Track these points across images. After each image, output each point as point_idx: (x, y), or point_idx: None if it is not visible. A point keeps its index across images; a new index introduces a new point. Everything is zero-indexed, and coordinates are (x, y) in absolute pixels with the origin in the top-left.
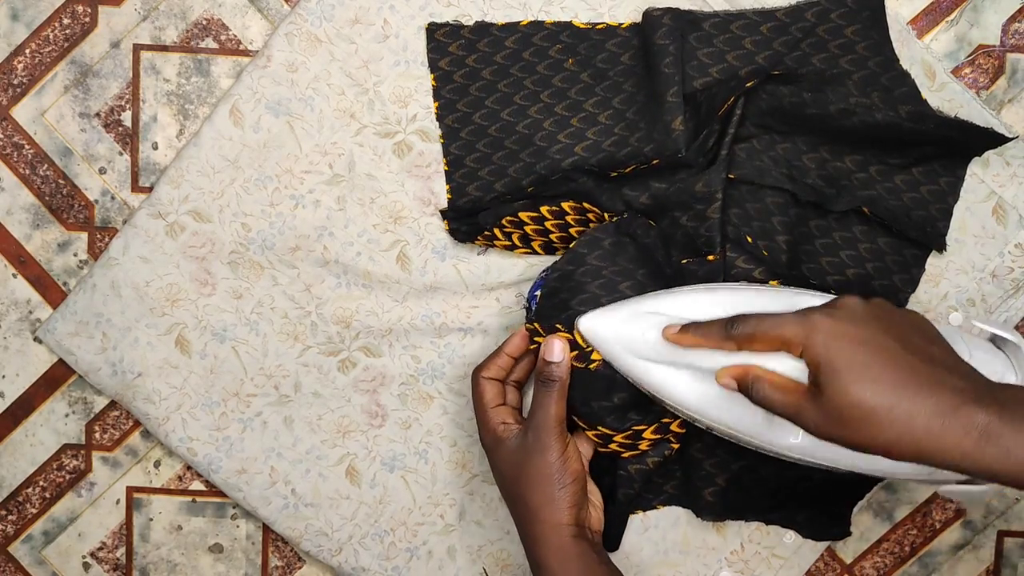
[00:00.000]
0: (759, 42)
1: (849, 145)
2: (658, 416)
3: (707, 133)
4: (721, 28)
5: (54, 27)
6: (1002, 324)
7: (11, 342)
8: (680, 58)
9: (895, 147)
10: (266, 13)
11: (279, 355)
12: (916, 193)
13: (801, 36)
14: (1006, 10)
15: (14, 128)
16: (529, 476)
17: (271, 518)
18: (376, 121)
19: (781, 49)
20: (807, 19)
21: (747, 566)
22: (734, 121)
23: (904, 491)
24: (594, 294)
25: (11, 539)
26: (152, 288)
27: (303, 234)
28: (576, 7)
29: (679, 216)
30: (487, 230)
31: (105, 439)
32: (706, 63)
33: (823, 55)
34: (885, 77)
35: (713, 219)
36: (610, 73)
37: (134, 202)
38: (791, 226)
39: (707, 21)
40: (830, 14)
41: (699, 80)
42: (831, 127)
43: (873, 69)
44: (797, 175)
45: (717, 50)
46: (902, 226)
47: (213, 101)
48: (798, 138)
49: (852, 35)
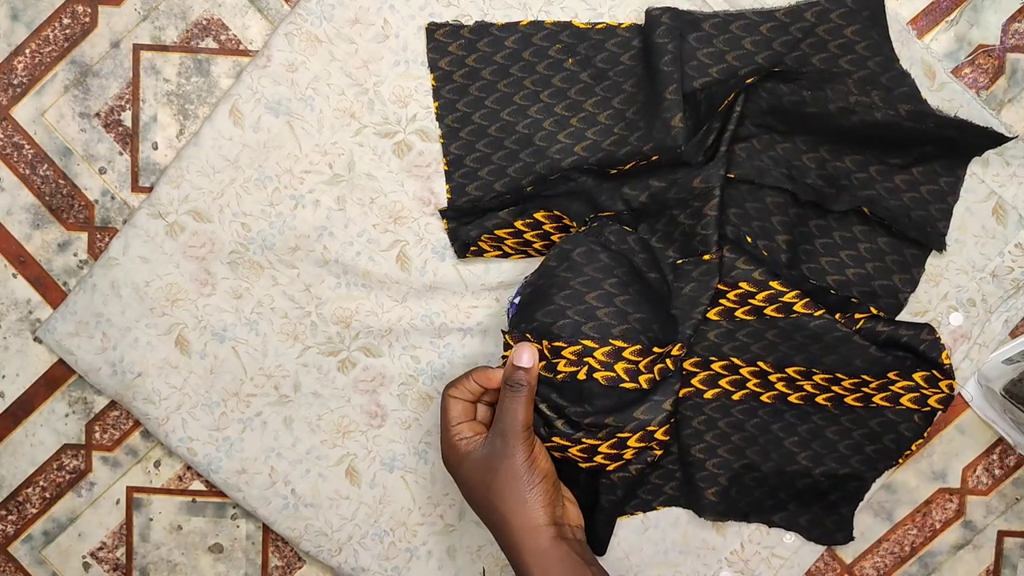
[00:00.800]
0: (759, 42)
1: (849, 145)
2: (642, 424)
3: (706, 130)
4: (721, 28)
5: (54, 27)
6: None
7: (11, 342)
8: (679, 57)
9: (895, 147)
10: (266, 13)
11: (279, 355)
12: (916, 193)
13: (801, 36)
14: (1006, 10)
15: (14, 128)
16: (498, 483)
17: (271, 518)
18: (376, 121)
19: (781, 49)
20: (807, 19)
21: (747, 566)
22: (734, 118)
23: (904, 491)
24: (560, 306)
25: (11, 539)
26: (152, 288)
27: (303, 234)
28: (576, 7)
29: (677, 214)
30: (472, 245)
31: (105, 439)
32: (706, 63)
33: (823, 55)
34: (885, 77)
35: (710, 216)
36: (610, 73)
37: (134, 202)
38: (791, 226)
39: (707, 21)
40: (830, 14)
41: (699, 80)
42: (831, 126)
43: (873, 69)
44: (797, 175)
45: (717, 50)
46: (902, 226)
47: (213, 101)
48: (798, 138)
49: (852, 35)
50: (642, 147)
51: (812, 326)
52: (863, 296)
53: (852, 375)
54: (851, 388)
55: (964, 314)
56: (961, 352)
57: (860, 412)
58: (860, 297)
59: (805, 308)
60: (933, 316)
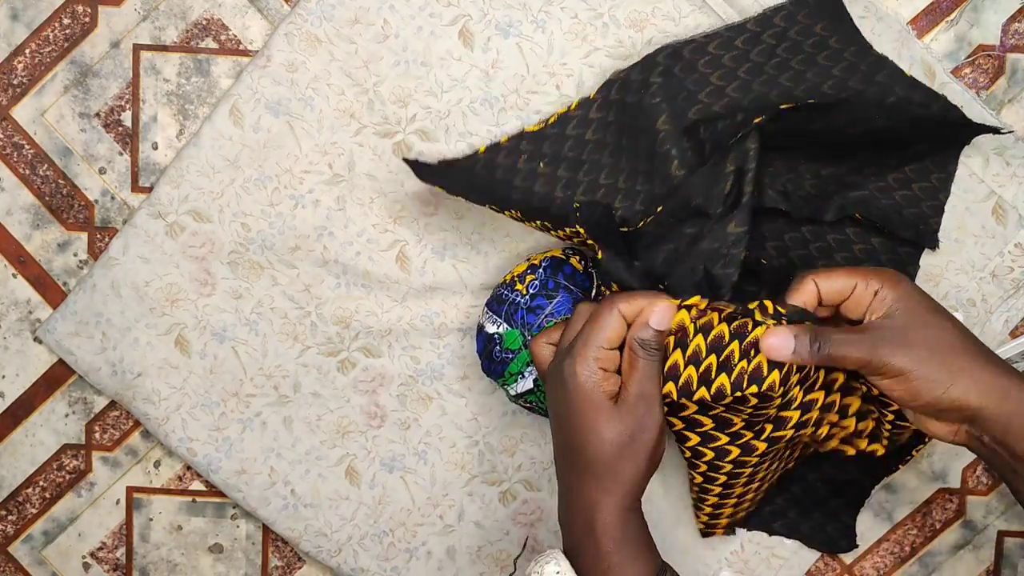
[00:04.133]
0: (737, 56)
1: (847, 148)
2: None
3: (720, 177)
4: (700, 52)
5: (54, 27)
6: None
7: (11, 342)
8: (666, 90)
9: (893, 146)
10: (266, 13)
11: (278, 355)
12: (908, 191)
13: (775, 42)
14: (1006, 10)
15: (14, 128)
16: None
17: (270, 518)
18: (376, 121)
19: (759, 59)
20: (776, 24)
21: (747, 566)
22: (751, 156)
23: (904, 491)
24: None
25: (11, 539)
26: (152, 288)
27: (303, 234)
28: (576, 7)
29: (696, 264)
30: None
31: (105, 439)
32: (694, 90)
33: (800, 56)
34: (864, 65)
35: (733, 254)
36: (583, 157)
37: (134, 202)
38: (780, 233)
39: (686, 48)
40: (796, 16)
41: (692, 109)
42: (831, 135)
43: (851, 60)
44: (792, 188)
45: (700, 75)
46: (894, 226)
47: (213, 101)
48: (797, 148)
49: (822, 31)
50: (653, 190)
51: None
52: None
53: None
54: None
55: (964, 314)
56: None
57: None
58: None
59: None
60: None
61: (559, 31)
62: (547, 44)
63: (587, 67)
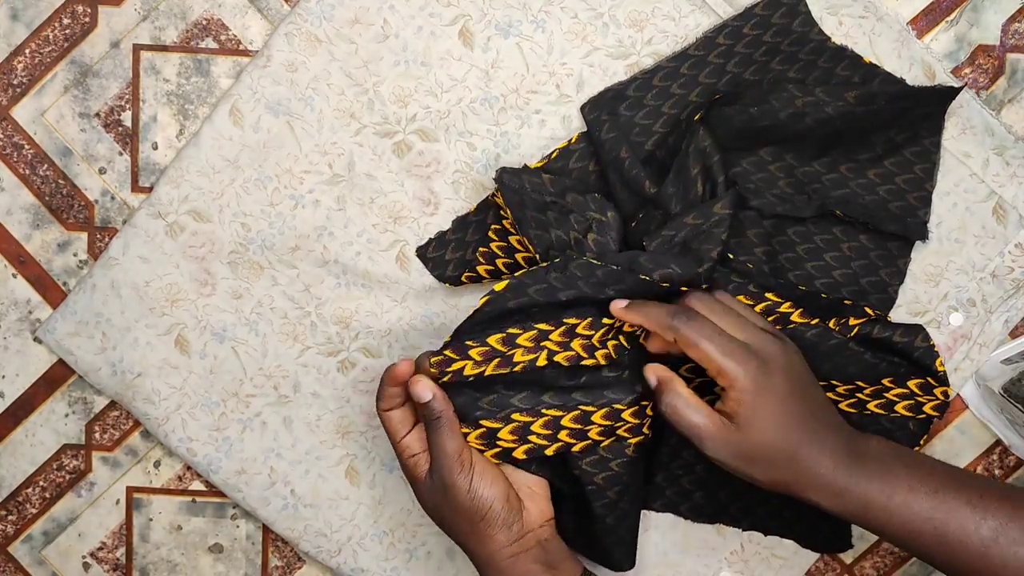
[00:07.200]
0: (685, 83)
1: (812, 148)
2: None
3: (689, 183)
4: (645, 88)
5: (54, 27)
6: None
7: (11, 342)
8: (618, 127)
9: (857, 138)
10: (266, 13)
11: (278, 355)
12: (891, 184)
13: (723, 61)
14: (1006, 10)
15: (14, 128)
16: (448, 515)
17: (270, 519)
18: (376, 121)
19: (709, 80)
20: (720, 43)
21: (747, 566)
22: (708, 150)
23: None
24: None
25: (11, 539)
26: (152, 288)
27: (303, 234)
28: (576, 7)
29: (675, 234)
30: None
31: (105, 439)
32: (646, 123)
33: (752, 67)
34: (822, 60)
35: (716, 232)
36: (557, 202)
37: (134, 202)
38: (768, 236)
39: (629, 87)
40: (742, 29)
41: (648, 141)
42: (788, 134)
43: (807, 59)
44: (763, 186)
45: (651, 108)
46: (880, 222)
47: (213, 101)
48: (761, 151)
49: (772, 38)
50: (630, 207)
51: (808, 336)
52: (854, 295)
53: (846, 381)
54: (845, 394)
55: (964, 314)
56: (961, 352)
57: (854, 419)
58: (851, 296)
59: (801, 318)
60: (933, 316)
61: (559, 31)
62: (547, 44)
63: (587, 67)
